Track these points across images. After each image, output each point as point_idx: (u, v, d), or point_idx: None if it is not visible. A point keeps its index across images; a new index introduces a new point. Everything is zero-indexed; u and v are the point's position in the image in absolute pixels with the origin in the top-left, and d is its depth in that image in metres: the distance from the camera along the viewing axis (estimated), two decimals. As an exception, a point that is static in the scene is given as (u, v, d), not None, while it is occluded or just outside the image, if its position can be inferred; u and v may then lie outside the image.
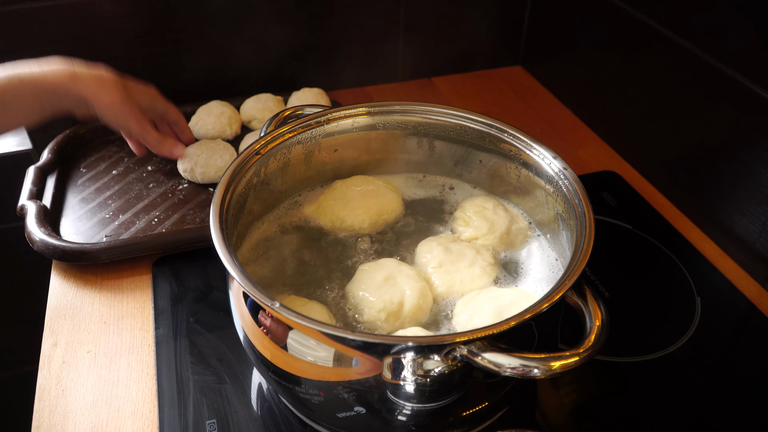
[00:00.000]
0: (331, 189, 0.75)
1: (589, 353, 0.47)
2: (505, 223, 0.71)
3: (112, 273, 0.81)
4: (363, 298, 0.61)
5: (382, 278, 0.62)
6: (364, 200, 0.73)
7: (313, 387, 0.55)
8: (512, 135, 0.69)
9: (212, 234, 0.55)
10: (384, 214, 0.74)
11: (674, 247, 0.85)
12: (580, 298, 0.52)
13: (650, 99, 0.96)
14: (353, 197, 0.74)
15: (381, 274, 0.63)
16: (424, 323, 0.62)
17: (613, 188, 0.96)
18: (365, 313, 0.61)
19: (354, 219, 0.72)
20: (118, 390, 0.67)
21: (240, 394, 0.66)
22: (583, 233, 0.56)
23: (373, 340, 0.48)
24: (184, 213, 0.89)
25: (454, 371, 0.50)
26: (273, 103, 1.06)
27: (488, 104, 1.18)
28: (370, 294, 0.61)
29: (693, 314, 0.76)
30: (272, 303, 0.49)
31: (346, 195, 0.74)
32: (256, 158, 0.66)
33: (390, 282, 0.62)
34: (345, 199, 0.73)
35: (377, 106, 0.74)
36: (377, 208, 0.73)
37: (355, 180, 0.76)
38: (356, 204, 0.73)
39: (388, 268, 0.64)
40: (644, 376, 0.69)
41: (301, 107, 0.74)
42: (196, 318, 0.74)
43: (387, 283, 0.62)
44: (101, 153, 1.01)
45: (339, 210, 0.73)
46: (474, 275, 0.66)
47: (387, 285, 0.62)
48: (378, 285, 0.62)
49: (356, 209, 0.72)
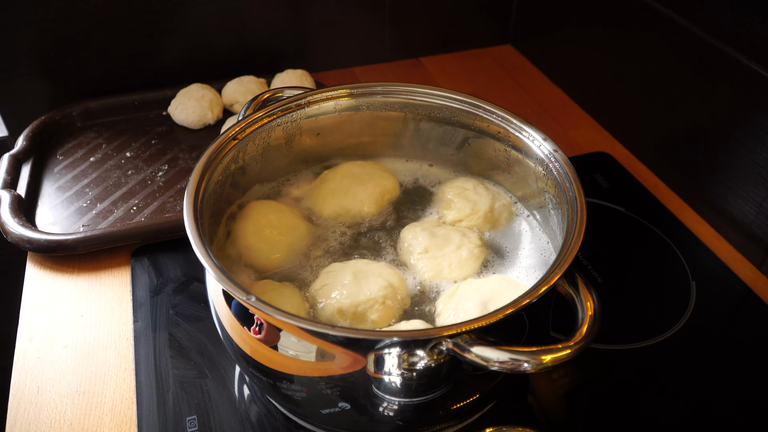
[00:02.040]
0: (322, 180, 0.72)
1: (581, 345, 0.45)
2: (488, 202, 0.69)
3: (90, 264, 0.78)
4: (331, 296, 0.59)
5: (350, 276, 0.60)
6: (362, 185, 0.71)
7: (294, 382, 0.52)
8: (500, 116, 0.66)
9: (186, 224, 0.52)
10: (386, 194, 0.71)
11: (668, 229, 0.83)
12: (571, 287, 0.50)
13: (643, 77, 0.93)
14: (351, 183, 0.71)
15: (349, 272, 0.60)
16: (406, 315, 0.60)
17: (606, 170, 0.93)
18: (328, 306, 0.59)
19: (360, 205, 0.69)
20: (95, 386, 0.65)
21: (221, 389, 0.64)
22: (575, 219, 0.54)
23: (356, 336, 0.45)
24: (163, 201, 0.86)
25: (441, 365, 0.48)
26: (255, 86, 1.03)
27: (477, 84, 1.15)
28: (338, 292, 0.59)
29: (688, 299, 0.74)
30: (248, 297, 0.47)
31: (344, 182, 0.71)
32: (233, 143, 0.63)
33: (359, 280, 0.60)
34: (343, 186, 0.70)
35: (359, 88, 0.71)
36: (379, 189, 0.71)
37: (344, 167, 0.73)
38: (357, 190, 0.70)
39: (356, 267, 0.61)
40: (640, 363, 0.67)
41: (281, 89, 0.71)
42: (176, 310, 0.72)
43: (356, 281, 0.59)
44: (78, 139, 0.97)
45: (341, 199, 0.70)
46: (462, 259, 0.63)
47: (355, 283, 0.59)
48: (347, 283, 0.59)
49: (358, 194, 0.70)
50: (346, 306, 0.57)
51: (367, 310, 0.58)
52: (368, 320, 0.58)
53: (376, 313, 0.58)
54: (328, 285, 0.59)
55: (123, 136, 0.98)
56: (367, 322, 0.58)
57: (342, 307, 0.57)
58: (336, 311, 0.57)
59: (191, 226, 0.52)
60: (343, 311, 0.57)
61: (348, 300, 0.58)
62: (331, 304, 0.58)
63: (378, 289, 0.59)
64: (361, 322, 0.57)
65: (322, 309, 0.58)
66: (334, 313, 0.57)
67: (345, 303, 0.58)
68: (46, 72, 0.99)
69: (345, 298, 0.58)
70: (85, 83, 1.02)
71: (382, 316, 0.58)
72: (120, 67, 1.03)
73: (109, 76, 1.03)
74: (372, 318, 0.58)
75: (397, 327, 0.56)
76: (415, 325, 0.55)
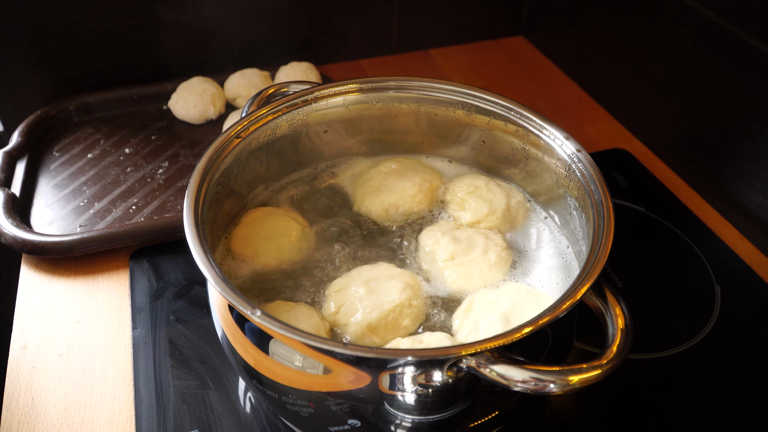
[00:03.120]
0: (365, 179, 0.68)
1: (613, 364, 0.42)
2: (504, 200, 0.66)
3: (87, 266, 0.75)
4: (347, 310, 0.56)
5: (363, 288, 0.56)
6: (410, 179, 0.67)
7: (301, 397, 0.49)
8: (519, 113, 0.63)
9: (186, 232, 0.49)
10: (435, 190, 0.68)
11: (690, 230, 0.80)
12: (598, 298, 0.47)
13: (663, 70, 0.89)
14: (396, 180, 0.67)
15: (359, 284, 0.57)
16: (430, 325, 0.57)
17: (624, 167, 0.90)
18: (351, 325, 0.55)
19: (411, 202, 0.66)
20: (92, 397, 0.62)
21: (225, 401, 0.61)
22: (601, 225, 0.50)
23: (368, 355, 0.42)
24: (163, 200, 0.83)
25: (459, 382, 0.45)
26: (259, 79, 0.99)
27: (488, 77, 1.11)
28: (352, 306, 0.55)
29: (712, 305, 0.71)
30: (252, 311, 0.43)
31: (388, 180, 0.67)
32: (236, 142, 0.60)
33: (374, 289, 0.56)
34: (388, 183, 0.67)
35: (370, 82, 0.67)
36: (428, 184, 0.67)
37: (385, 163, 0.70)
38: (405, 185, 0.67)
39: (362, 277, 0.58)
40: (663, 374, 0.64)
41: (286, 84, 0.67)
42: (177, 316, 0.68)
43: (369, 292, 0.56)
44: (76, 135, 0.94)
45: (388, 196, 0.66)
46: (491, 264, 0.60)
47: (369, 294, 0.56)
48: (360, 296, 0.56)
49: (407, 189, 0.66)
50: (375, 320, 0.54)
51: (398, 317, 0.55)
52: (401, 327, 0.55)
53: (407, 318, 0.55)
54: (346, 304, 0.55)
55: (122, 131, 0.95)
56: (401, 329, 0.55)
57: (371, 323, 0.54)
58: (366, 328, 0.54)
59: (192, 233, 0.49)
60: (374, 326, 0.54)
61: (375, 313, 0.54)
62: (357, 322, 0.54)
63: (398, 292, 0.56)
64: (395, 331, 0.54)
65: (351, 331, 0.54)
66: (365, 331, 0.54)
67: (373, 317, 0.54)
68: (41, 65, 0.95)
69: (370, 311, 0.54)
70: (83, 76, 0.98)
71: (413, 318, 0.55)
72: (118, 59, 0.99)
73: (107, 69, 1.00)
74: (405, 324, 0.55)
75: (422, 339, 0.52)
76: (441, 339, 0.52)
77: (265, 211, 0.65)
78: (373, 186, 0.68)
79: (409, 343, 0.52)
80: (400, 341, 0.53)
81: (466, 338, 0.54)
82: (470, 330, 0.54)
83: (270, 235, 0.62)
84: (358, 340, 0.54)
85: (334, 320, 0.56)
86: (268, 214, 0.64)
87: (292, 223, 0.63)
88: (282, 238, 0.62)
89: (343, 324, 0.55)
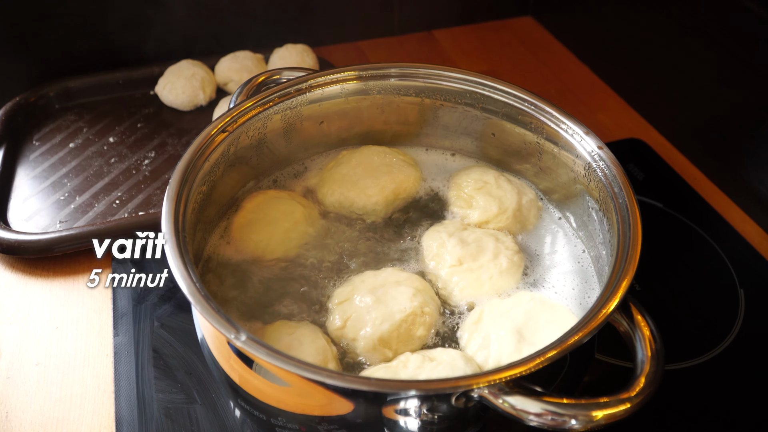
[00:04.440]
0: (337, 162, 0.64)
1: (643, 398, 0.37)
2: (514, 198, 0.61)
3: (67, 267, 0.70)
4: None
5: (370, 297, 0.52)
6: (376, 177, 0.62)
7: (292, 421, 0.45)
8: (534, 105, 0.57)
9: (165, 239, 0.44)
10: (401, 194, 0.63)
11: (711, 228, 0.75)
12: (624, 317, 0.42)
13: (684, 55, 0.83)
14: (363, 173, 0.62)
15: (365, 292, 0.52)
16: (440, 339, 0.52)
17: (641, 159, 0.84)
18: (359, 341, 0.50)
19: (366, 199, 0.61)
20: (70, 412, 0.57)
21: (212, 417, 0.56)
22: (627, 234, 0.45)
23: (368, 388, 0.37)
24: (149, 193, 0.78)
25: (469, 410, 0.40)
26: (252, 62, 0.93)
27: (495, 61, 1.05)
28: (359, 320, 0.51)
29: (736, 311, 0.66)
30: (237, 335, 0.38)
31: (356, 171, 0.63)
32: (222, 137, 0.54)
33: (381, 297, 0.51)
34: (354, 175, 0.62)
35: (370, 69, 0.62)
36: (393, 186, 0.62)
37: (364, 151, 0.65)
38: (368, 182, 0.62)
39: (366, 284, 0.53)
40: (681, 388, 0.59)
41: (278, 71, 0.62)
42: (162, 321, 0.64)
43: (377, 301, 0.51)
44: (57, 123, 0.88)
45: (348, 189, 0.62)
46: (502, 270, 0.55)
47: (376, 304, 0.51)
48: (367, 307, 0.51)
49: (368, 188, 0.61)
50: (387, 332, 0.49)
51: (411, 327, 0.50)
52: (415, 337, 0.51)
53: (420, 327, 0.51)
54: (352, 317, 0.51)
55: (106, 118, 0.89)
56: (414, 340, 0.50)
57: (383, 335, 0.49)
58: (378, 342, 0.49)
59: (172, 242, 0.44)
60: (386, 339, 0.49)
61: (386, 325, 0.50)
62: (367, 336, 0.49)
63: (408, 299, 0.51)
64: (408, 342, 0.50)
65: (361, 347, 0.50)
66: (376, 345, 0.49)
67: (384, 329, 0.49)
68: (20, 48, 0.90)
69: (381, 323, 0.50)
70: (64, 60, 0.93)
71: (427, 327, 0.51)
72: (102, 41, 0.94)
73: (90, 52, 0.94)
74: (419, 334, 0.51)
75: (433, 356, 0.47)
76: (453, 358, 0.47)
77: (268, 195, 0.61)
78: (339, 174, 0.63)
79: (419, 362, 0.47)
80: (410, 357, 0.48)
81: (476, 355, 0.49)
82: (480, 345, 0.49)
83: (274, 220, 0.58)
84: (369, 356, 0.50)
85: (341, 335, 0.51)
86: (271, 198, 0.61)
87: (297, 207, 0.60)
88: (286, 223, 0.58)
89: (352, 339, 0.50)
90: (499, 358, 0.48)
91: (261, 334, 0.49)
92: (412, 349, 0.50)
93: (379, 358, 0.50)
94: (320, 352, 0.47)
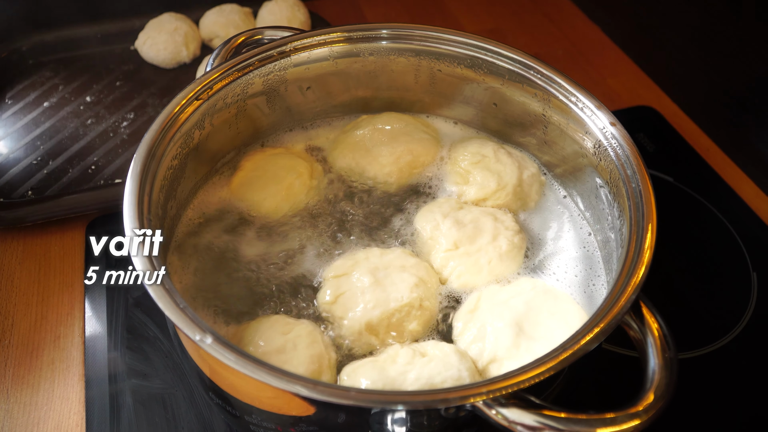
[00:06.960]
0: (355, 125, 0.60)
1: (654, 412, 0.33)
2: (515, 173, 0.56)
3: (38, 238, 0.66)
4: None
5: (369, 278, 0.48)
6: (393, 146, 0.58)
7: (267, 419, 0.41)
8: (541, 74, 0.52)
9: (125, 222, 0.40)
10: (417, 167, 0.59)
11: (724, 205, 0.70)
12: (634, 319, 0.38)
13: (703, 15, 0.77)
14: (380, 140, 0.58)
15: (365, 272, 0.48)
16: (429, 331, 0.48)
17: (651, 129, 0.79)
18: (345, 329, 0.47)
19: (378, 169, 0.57)
20: (38, 397, 0.54)
21: (188, 405, 0.53)
22: (641, 224, 0.41)
23: (345, 402, 0.33)
24: (126, 158, 0.73)
25: (460, 419, 0.37)
26: (239, 17, 0.87)
27: (500, 18, 0.98)
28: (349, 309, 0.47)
29: (748, 295, 0.62)
30: (203, 336, 0.34)
31: (373, 136, 0.59)
32: (196, 104, 0.49)
33: (381, 280, 0.48)
34: (370, 141, 0.58)
35: (361, 30, 0.56)
36: (409, 158, 0.58)
37: (385, 117, 0.61)
38: (382, 150, 0.58)
39: (370, 263, 0.49)
40: (692, 377, 0.56)
41: (259, 30, 0.56)
42: (137, 300, 0.60)
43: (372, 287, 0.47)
44: (31, 79, 0.83)
45: (361, 156, 0.58)
46: (502, 253, 0.51)
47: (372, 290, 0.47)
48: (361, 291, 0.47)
49: (381, 156, 0.58)
50: (377, 319, 0.46)
51: (404, 319, 0.47)
52: (406, 331, 0.47)
53: (414, 321, 0.47)
54: (345, 294, 0.47)
55: (83, 76, 0.84)
56: (405, 333, 0.47)
57: (371, 321, 0.46)
58: (364, 327, 0.46)
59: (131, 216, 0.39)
60: (374, 326, 0.46)
61: (377, 311, 0.46)
62: (355, 319, 0.46)
63: (409, 288, 0.47)
64: (398, 335, 0.47)
65: (345, 327, 0.46)
66: (362, 330, 0.46)
67: (374, 315, 0.46)
68: (-12, -3, 0.84)
69: (372, 308, 0.46)
70: (38, 12, 0.87)
71: (423, 322, 0.48)
72: (78, -10, 0.87)
73: (66, 3, 0.87)
74: (411, 328, 0.47)
75: (424, 351, 0.44)
76: (446, 353, 0.43)
77: (266, 152, 0.58)
78: (353, 138, 0.59)
79: (409, 357, 0.43)
80: (399, 352, 0.44)
81: (470, 347, 0.46)
82: (475, 337, 0.46)
83: (275, 176, 0.55)
84: (352, 340, 0.46)
85: (329, 310, 0.48)
86: (270, 155, 0.58)
87: (299, 161, 0.57)
88: (291, 178, 0.55)
89: (339, 317, 0.47)
90: (494, 352, 0.45)
91: (254, 327, 0.45)
92: (402, 343, 0.46)
93: (363, 344, 0.46)
94: (314, 360, 0.43)
